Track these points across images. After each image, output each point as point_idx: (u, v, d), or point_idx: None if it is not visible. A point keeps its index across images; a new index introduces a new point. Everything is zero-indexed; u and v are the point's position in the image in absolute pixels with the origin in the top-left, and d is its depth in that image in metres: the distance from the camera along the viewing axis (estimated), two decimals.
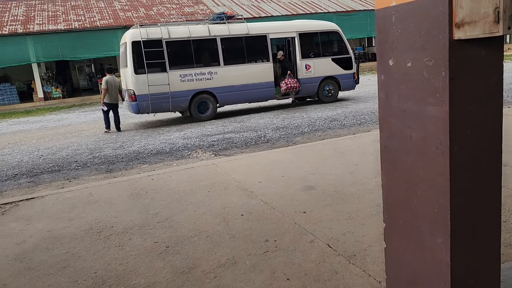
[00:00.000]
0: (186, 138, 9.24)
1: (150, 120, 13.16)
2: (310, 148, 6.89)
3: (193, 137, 9.28)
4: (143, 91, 11.02)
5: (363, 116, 10.06)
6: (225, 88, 11.92)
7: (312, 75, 13.01)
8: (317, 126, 9.35)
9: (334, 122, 9.59)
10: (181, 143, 8.64)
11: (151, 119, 13.41)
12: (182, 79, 11.42)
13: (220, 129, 10.03)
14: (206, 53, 12.45)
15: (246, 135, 8.95)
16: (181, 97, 11.45)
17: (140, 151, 8.20)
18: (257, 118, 11.38)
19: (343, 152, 6.30)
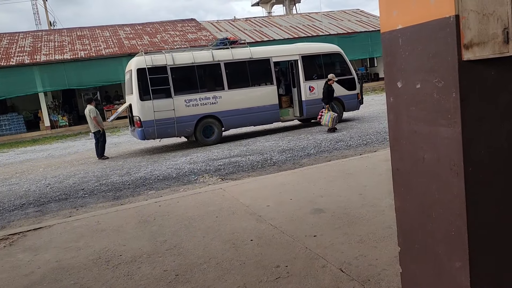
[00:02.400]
0: (193, 162, 9.23)
1: (156, 146, 13.20)
2: (317, 170, 6.85)
3: (199, 161, 9.28)
4: (149, 117, 11.10)
5: (369, 136, 10.04)
6: (230, 112, 11.98)
7: (316, 97, 13.06)
8: (323, 147, 9.33)
9: (340, 143, 9.57)
10: (188, 168, 8.63)
11: (157, 144, 13.45)
12: (187, 104, 11.51)
13: (226, 153, 10.03)
14: (211, 78, 12.59)
15: (252, 158, 8.93)
16: (186, 122, 11.51)
17: (147, 177, 8.19)
18: (262, 141, 11.39)
19: (351, 173, 6.26)
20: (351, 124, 12.93)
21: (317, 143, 9.97)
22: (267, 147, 10.19)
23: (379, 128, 11.31)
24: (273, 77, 12.58)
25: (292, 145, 10.02)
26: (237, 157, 9.33)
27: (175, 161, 9.80)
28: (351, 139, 9.92)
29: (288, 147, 9.87)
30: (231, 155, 9.63)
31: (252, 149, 10.27)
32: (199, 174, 7.99)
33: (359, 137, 10.06)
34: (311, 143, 9.99)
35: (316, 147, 9.38)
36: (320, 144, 9.77)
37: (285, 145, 10.24)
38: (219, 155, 9.91)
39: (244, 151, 10.08)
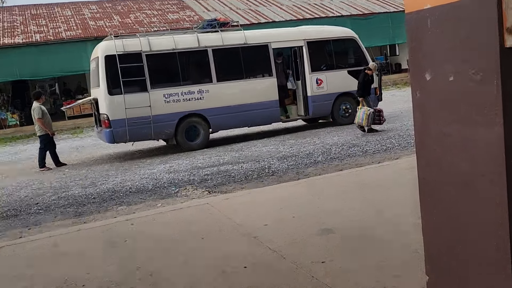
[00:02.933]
0: (173, 171, 9.24)
1: (128, 151, 13.21)
2: (326, 181, 6.87)
3: (182, 170, 9.29)
4: (119, 115, 11.11)
5: (389, 140, 10.10)
6: (218, 110, 12.01)
7: (324, 92, 13.13)
8: (333, 153, 9.37)
9: (354, 148, 9.62)
10: (167, 178, 8.63)
11: (129, 149, 13.44)
12: (167, 100, 11.52)
13: (214, 160, 10.05)
14: (196, 68, 12.60)
15: (246, 166, 8.96)
16: (165, 122, 11.53)
17: (116, 189, 8.18)
18: (259, 146, 11.42)
19: (367, 184, 6.30)
20: None
21: (326, 148, 10.01)
22: (265, 153, 10.22)
23: (402, 129, 11.37)
24: (272, 68, 12.64)
25: (295, 151, 10.05)
26: (227, 165, 9.34)
27: (152, 169, 9.80)
28: (368, 144, 9.96)
29: (291, 153, 9.90)
30: (220, 163, 9.64)
31: (246, 155, 10.28)
32: (180, 185, 7.99)
33: (377, 141, 10.10)
34: (319, 149, 10.02)
35: (324, 154, 9.42)
36: (329, 149, 9.81)
37: (286, 150, 10.27)
38: (205, 162, 9.92)
39: (236, 157, 10.10)
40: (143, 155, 12.27)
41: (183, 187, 7.82)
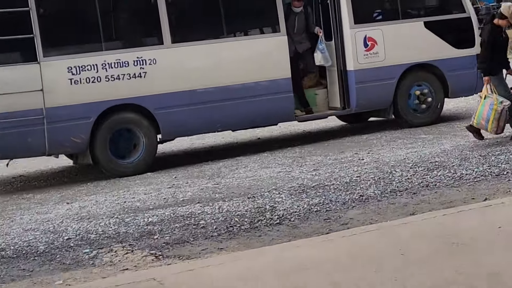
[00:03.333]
0: (86, 217, 9.22)
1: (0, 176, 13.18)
2: (383, 235, 6.87)
3: (103, 215, 9.27)
4: None
5: (504, 157, 10.21)
6: (175, 98, 12.09)
7: (379, 62, 13.24)
8: (398, 181, 9.39)
9: (437, 172, 9.66)
10: (74, 230, 8.61)
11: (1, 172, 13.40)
12: (75, 79, 11.53)
13: (165, 196, 10.05)
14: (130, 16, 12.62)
15: (228, 207, 8.95)
16: (72, 121, 11.55)
17: None
18: (253, 167, 11.46)
19: (463, 244, 6.29)
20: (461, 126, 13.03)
21: (382, 171, 10.03)
22: (264, 181, 10.26)
23: None
24: (278, 16, 12.73)
25: (323, 177, 10.08)
26: (191, 204, 9.33)
27: (46, 213, 9.78)
28: (463, 163, 10.03)
29: (314, 180, 9.93)
30: (178, 201, 9.64)
31: (228, 185, 10.32)
32: (101, 244, 7.96)
33: (482, 158, 10.20)
34: (369, 172, 10.06)
35: (380, 182, 9.45)
36: (390, 173, 9.85)
37: (306, 176, 10.30)
38: (149, 199, 9.92)
39: (210, 189, 10.12)
40: (29, 185, 12.26)
41: (106, 248, 7.77)
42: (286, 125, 14.57)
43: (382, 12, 13.52)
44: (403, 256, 6.14)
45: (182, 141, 14.31)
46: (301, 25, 13.27)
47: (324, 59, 13.20)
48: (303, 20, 13.38)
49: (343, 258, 6.31)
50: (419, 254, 6.16)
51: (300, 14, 13.26)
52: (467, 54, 13.67)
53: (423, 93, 13.53)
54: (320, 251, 6.63)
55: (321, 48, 13.17)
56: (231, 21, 12.63)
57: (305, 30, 13.40)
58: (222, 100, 12.33)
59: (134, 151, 12.00)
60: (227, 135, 14.63)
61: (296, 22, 13.09)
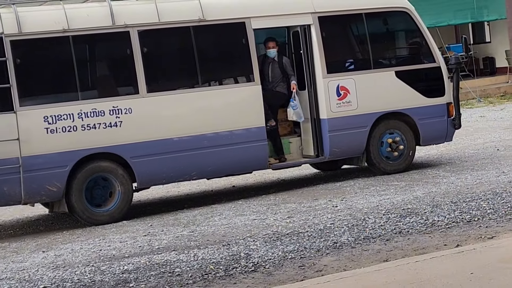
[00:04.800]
0: (61, 265, 9.13)
1: None
2: (357, 282, 6.84)
3: (78, 263, 9.18)
4: None
5: (475, 203, 10.22)
6: (150, 147, 12.06)
7: (352, 111, 13.28)
8: (370, 228, 9.38)
9: (410, 219, 9.66)
10: (49, 279, 8.50)
11: None
12: (51, 128, 11.48)
13: (141, 244, 9.98)
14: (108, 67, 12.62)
15: (204, 255, 8.89)
16: (48, 170, 11.49)
17: None
18: (228, 214, 11.42)
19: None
20: (433, 173, 13.15)
21: (356, 218, 10.03)
22: (240, 229, 10.21)
23: (499, 183, 11.53)
24: (252, 65, 12.79)
25: (297, 224, 10.05)
26: (167, 252, 9.27)
27: (21, 261, 9.69)
28: (435, 209, 10.04)
29: (289, 228, 9.89)
30: (154, 249, 9.57)
31: (203, 232, 10.27)
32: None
33: (453, 205, 10.21)
34: (343, 219, 10.04)
35: (354, 229, 9.43)
36: (363, 221, 9.83)
37: (281, 223, 10.28)
38: (124, 247, 9.85)
39: (185, 237, 10.07)
40: (4, 233, 12.16)
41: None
42: (260, 173, 14.54)
43: (354, 61, 13.61)
44: None
45: (157, 189, 14.25)
46: (276, 73, 13.29)
47: (296, 115, 13.20)
48: (277, 68, 13.38)
49: None
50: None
51: (274, 62, 13.29)
52: (437, 103, 13.76)
53: (395, 141, 13.56)
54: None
55: (293, 105, 13.16)
56: (205, 71, 12.64)
57: (281, 78, 13.41)
58: (197, 149, 12.31)
59: (110, 200, 11.92)
60: (202, 183, 14.59)
61: (270, 70, 13.14)
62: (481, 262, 6.97)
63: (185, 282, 7.91)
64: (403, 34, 14.28)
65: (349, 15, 13.61)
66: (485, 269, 6.70)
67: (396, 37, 14.36)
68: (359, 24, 13.69)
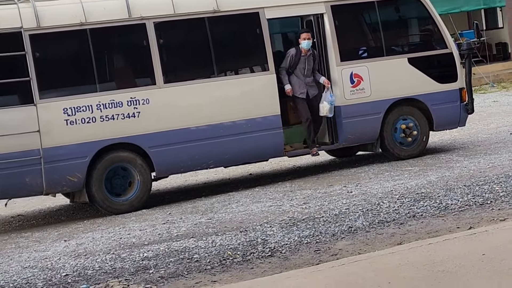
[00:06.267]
0: (83, 254, 9.22)
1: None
2: (371, 265, 6.90)
3: (99, 251, 9.27)
4: None
5: (487, 187, 10.25)
6: (168, 136, 12.15)
7: (366, 98, 13.31)
8: (385, 213, 9.45)
9: (423, 203, 9.72)
10: (71, 267, 8.60)
11: None
12: (70, 119, 11.59)
13: (160, 231, 10.08)
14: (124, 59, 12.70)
15: (221, 241, 8.97)
16: (68, 161, 11.60)
17: None
18: (245, 201, 11.50)
19: (449, 271, 6.34)
20: (446, 158, 13.20)
21: (370, 203, 10.08)
22: (256, 215, 10.29)
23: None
24: (267, 55, 12.83)
25: (313, 210, 10.12)
26: (186, 239, 9.35)
27: (43, 250, 9.78)
28: (449, 193, 10.09)
29: (305, 213, 9.96)
30: (173, 236, 9.65)
31: (220, 219, 10.35)
32: (98, 280, 7.96)
33: (466, 188, 10.26)
34: (358, 204, 10.11)
35: (368, 213, 9.50)
36: (377, 205, 9.90)
37: (297, 209, 10.34)
38: (144, 235, 9.93)
39: (203, 224, 10.15)
40: (27, 223, 12.25)
41: (103, 283, 7.75)
42: (276, 160, 14.59)
43: (367, 49, 13.61)
44: (390, 285, 6.19)
45: (176, 178, 14.33)
46: (311, 66, 13.18)
47: (331, 110, 13.00)
48: (312, 60, 13.24)
49: None
50: (406, 282, 6.23)
51: (310, 54, 13.14)
52: (450, 88, 13.76)
53: (409, 127, 13.57)
54: (310, 281, 6.66)
55: (332, 100, 12.95)
56: (221, 61, 12.71)
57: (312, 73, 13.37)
58: (214, 138, 12.37)
59: (129, 189, 12.01)
60: (220, 172, 14.67)
61: (306, 63, 13.06)
62: (493, 244, 7.02)
63: (204, 267, 8.01)
64: (415, 21, 14.24)
65: (362, 3, 13.59)
66: (497, 250, 6.75)
67: (408, 24, 14.32)
68: (371, 12, 13.67)
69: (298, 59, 13.02)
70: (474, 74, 21.20)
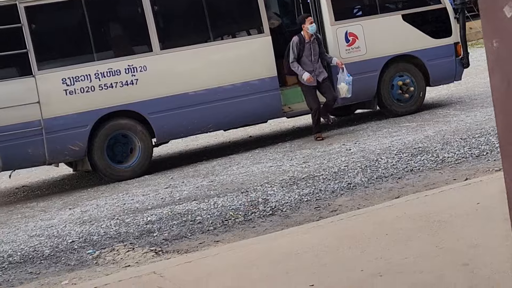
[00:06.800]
0: (88, 221, 9.37)
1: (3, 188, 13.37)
2: (369, 218, 7.03)
3: (104, 217, 9.42)
4: None
5: (484, 139, 10.37)
6: (166, 102, 12.27)
7: (361, 56, 13.39)
8: (383, 168, 9.59)
9: (421, 157, 9.86)
10: (78, 234, 8.75)
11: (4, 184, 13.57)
12: (70, 89, 11.69)
13: (163, 196, 10.22)
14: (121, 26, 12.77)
15: (223, 202, 9.12)
16: (69, 130, 11.71)
17: None
18: (245, 163, 11.64)
19: (444, 221, 6.47)
20: (444, 112, 13.33)
21: (368, 160, 10.23)
22: (257, 176, 10.43)
23: None
24: (262, 18, 12.89)
25: (312, 169, 10.26)
26: (188, 202, 9.50)
27: (49, 219, 9.92)
28: (445, 147, 10.24)
29: (304, 172, 10.11)
30: (175, 199, 9.80)
31: (221, 181, 10.48)
32: (103, 245, 8.10)
33: (463, 141, 10.40)
34: (356, 161, 10.25)
35: (367, 170, 9.64)
36: (375, 161, 10.05)
37: (296, 168, 10.49)
38: (147, 200, 10.08)
39: (205, 187, 10.29)
40: (32, 194, 12.38)
41: (109, 248, 7.90)
42: (276, 122, 14.69)
43: (361, 7, 13.64)
44: (387, 236, 6.30)
45: (176, 143, 14.48)
46: (317, 51, 12.97)
47: (348, 91, 12.72)
48: (317, 45, 12.99)
49: (332, 242, 6.46)
50: (403, 233, 6.34)
51: (313, 41, 12.91)
52: (445, 43, 13.85)
53: (405, 83, 13.67)
54: (310, 237, 6.79)
55: (349, 80, 12.68)
56: (216, 25, 12.77)
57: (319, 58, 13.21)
58: (213, 101, 12.48)
59: (131, 156, 12.16)
60: (220, 135, 14.77)
61: (312, 49, 12.87)
62: (487, 193, 7.08)
63: (206, 229, 8.17)
64: None
65: None
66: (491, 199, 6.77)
67: None
68: None
69: (303, 47, 12.77)
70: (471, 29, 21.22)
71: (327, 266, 5.84)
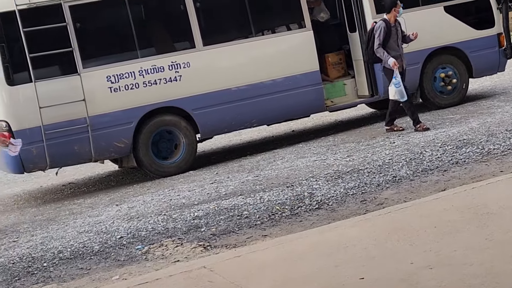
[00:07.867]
0: (136, 217, 9.46)
1: (50, 185, 13.43)
2: (416, 211, 7.04)
3: (151, 213, 9.50)
4: (30, 121, 11.36)
5: None
6: (210, 98, 12.32)
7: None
8: (428, 161, 9.58)
9: (466, 149, 9.83)
10: (126, 229, 8.84)
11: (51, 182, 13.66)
12: (114, 87, 11.81)
13: (209, 191, 10.27)
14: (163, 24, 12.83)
15: (269, 197, 9.16)
16: (114, 127, 11.83)
17: (36, 256, 8.32)
18: (289, 158, 11.65)
19: (493, 213, 6.46)
20: (488, 104, 13.24)
21: (413, 152, 10.22)
22: (302, 171, 10.44)
23: None
24: (303, 12, 12.89)
25: (357, 162, 10.28)
26: (234, 197, 9.54)
27: (97, 215, 10.02)
28: (491, 139, 10.18)
29: (349, 166, 10.13)
30: (221, 195, 9.85)
31: (267, 176, 10.52)
32: (152, 240, 8.18)
33: (508, 132, 10.36)
34: (401, 154, 10.25)
35: (411, 163, 9.63)
36: (420, 154, 10.03)
37: (341, 162, 10.50)
38: (193, 196, 10.14)
39: (250, 182, 10.33)
40: (79, 191, 12.51)
41: (157, 243, 7.97)
42: (318, 116, 14.73)
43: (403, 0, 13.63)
44: (436, 229, 6.32)
45: (220, 139, 14.55)
46: (401, 35, 12.68)
47: (399, 93, 12.04)
48: (400, 30, 12.71)
49: (380, 235, 6.51)
50: (451, 225, 6.36)
51: (397, 24, 12.61)
52: (487, 35, 13.79)
53: (448, 75, 13.62)
54: (358, 230, 6.83)
55: (396, 83, 12.05)
56: (258, 21, 12.83)
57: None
58: (256, 97, 12.55)
59: (176, 152, 12.24)
60: (263, 130, 14.87)
61: (397, 34, 12.56)
62: None
63: (254, 223, 8.22)
64: None
65: None
66: None
67: None
68: None
69: (389, 31, 12.36)
70: None
71: (376, 259, 5.87)
